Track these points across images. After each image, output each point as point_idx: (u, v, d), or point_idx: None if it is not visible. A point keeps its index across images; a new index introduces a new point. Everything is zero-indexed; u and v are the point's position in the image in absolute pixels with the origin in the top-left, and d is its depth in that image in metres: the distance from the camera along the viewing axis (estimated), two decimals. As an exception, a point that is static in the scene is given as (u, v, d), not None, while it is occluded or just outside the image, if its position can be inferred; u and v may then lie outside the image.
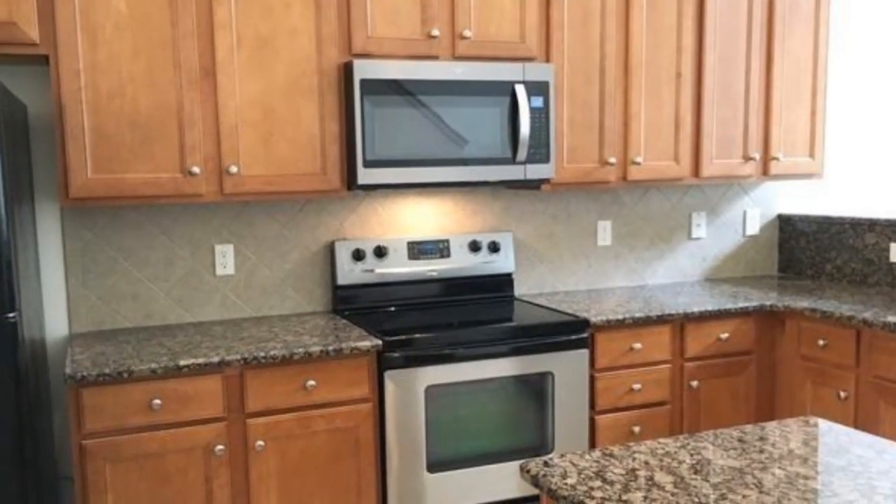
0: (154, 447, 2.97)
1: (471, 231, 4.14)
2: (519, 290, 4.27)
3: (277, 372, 3.11)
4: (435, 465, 3.36)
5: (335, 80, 3.42)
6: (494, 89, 3.55)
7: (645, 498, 1.71)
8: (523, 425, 3.50)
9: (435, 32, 3.52)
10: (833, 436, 2.08)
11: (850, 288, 4.24)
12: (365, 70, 3.35)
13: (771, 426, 2.17)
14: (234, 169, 3.29)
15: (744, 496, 1.71)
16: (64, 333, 3.52)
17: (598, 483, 1.80)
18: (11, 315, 2.63)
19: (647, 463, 1.92)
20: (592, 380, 3.64)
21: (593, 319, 3.59)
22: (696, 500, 1.69)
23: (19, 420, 2.65)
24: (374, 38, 3.46)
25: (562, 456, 1.98)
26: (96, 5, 3.08)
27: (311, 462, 3.19)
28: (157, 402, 2.94)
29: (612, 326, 3.65)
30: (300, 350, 3.11)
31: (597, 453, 1.99)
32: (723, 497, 1.71)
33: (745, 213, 4.77)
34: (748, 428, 2.16)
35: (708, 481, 1.79)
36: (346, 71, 3.41)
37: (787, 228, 4.81)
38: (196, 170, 3.23)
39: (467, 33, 3.57)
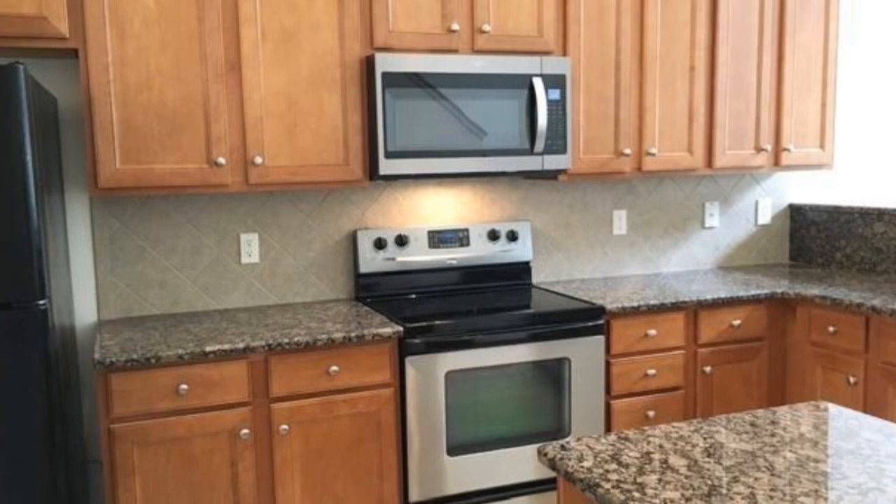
0: (181, 431, 3.01)
1: (489, 220, 4.18)
2: (536, 277, 4.32)
3: (301, 358, 3.15)
4: (455, 449, 3.41)
5: (357, 73, 3.46)
6: (513, 82, 3.59)
7: (659, 480, 1.73)
8: (541, 410, 3.55)
9: (455, 27, 3.56)
10: (843, 420, 2.09)
11: (860, 276, 4.27)
12: (387, 63, 3.39)
13: (782, 411, 2.18)
14: (258, 160, 3.33)
15: (756, 479, 1.73)
16: (93, 320, 3.57)
17: (613, 466, 1.82)
18: (42, 302, 2.66)
19: (661, 446, 1.93)
20: (608, 365, 3.68)
21: (609, 306, 3.63)
22: (710, 482, 1.71)
23: (49, 405, 2.69)
24: (396, 32, 3.50)
25: (578, 440, 2.00)
26: (124, 0, 3.13)
27: (334, 446, 3.23)
28: (184, 387, 2.99)
29: (628, 313, 3.69)
30: (323, 336, 3.15)
31: (612, 437, 2.01)
32: (735, 479, 1.72)
33: (756, 202, 4.80)
34: (760, 412, 2.16)
35: (721, 464, 1.81)
36: (369, 64, 3.46)
37: (798, 218, 4.84)
38: (222, 161, 3.28)
39: (486, 28, 3.62)
